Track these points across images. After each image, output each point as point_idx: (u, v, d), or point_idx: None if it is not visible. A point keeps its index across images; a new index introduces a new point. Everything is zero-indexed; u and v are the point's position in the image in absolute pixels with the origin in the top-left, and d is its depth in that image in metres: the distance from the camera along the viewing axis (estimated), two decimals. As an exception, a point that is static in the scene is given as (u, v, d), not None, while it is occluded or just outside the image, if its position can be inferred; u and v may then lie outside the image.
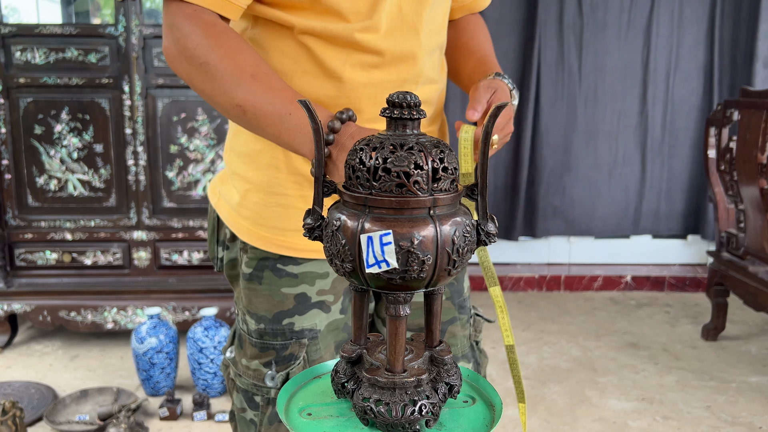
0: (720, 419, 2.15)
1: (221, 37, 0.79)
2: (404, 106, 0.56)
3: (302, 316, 0.96)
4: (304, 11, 0.85)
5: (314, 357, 0.96)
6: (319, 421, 0.59)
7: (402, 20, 0.88)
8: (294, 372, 0.94)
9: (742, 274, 2.55)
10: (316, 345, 0.96)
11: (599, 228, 3.42)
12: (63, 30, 2.44)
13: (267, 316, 0.96)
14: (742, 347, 2.71)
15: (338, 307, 0.99)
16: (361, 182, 0.55)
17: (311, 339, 0.96)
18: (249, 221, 0.96)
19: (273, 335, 0.96)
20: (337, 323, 0.99)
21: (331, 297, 0.97)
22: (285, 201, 0.94)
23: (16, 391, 2.23)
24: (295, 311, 0.95)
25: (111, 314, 2.52)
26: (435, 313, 0.61)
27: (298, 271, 0.95)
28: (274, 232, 0.95)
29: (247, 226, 0.97)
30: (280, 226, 0.94)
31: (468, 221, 0.57)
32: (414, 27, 0.89)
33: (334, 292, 0.97)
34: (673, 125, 3.32)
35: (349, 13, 0.85)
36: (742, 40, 3.20)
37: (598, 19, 3.21)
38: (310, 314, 0.96)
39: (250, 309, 0.98)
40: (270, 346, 0.96)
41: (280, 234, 0.95)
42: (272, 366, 0.95)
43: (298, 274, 0.95)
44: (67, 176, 2.54)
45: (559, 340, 2.78)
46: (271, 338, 0.96)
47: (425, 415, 0.57)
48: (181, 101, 2.49)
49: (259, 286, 0.96)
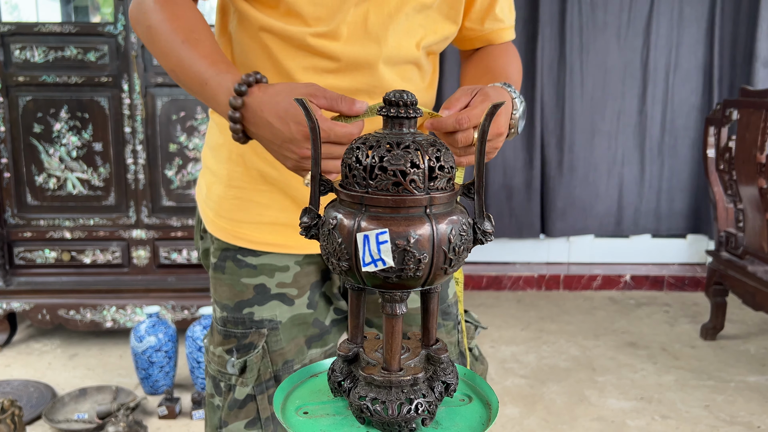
0: (718, 418, 2.15)
1: (169, 3, 0.84)
2: (401, 104, 0.56)
3: (261, 306, 0.98)
4: (270, 9, 0.88)
5: (275, 348, 0.99)
6: (315, 420, 0.59)
7: (365, 30, 0.88)
8: (252, 360, 0.97)
9: (741, 273, 2.56)
10: (276, 336, 0.98)
11: (598, 227, 3.42)
12: (62, 28, 2.44)
13: (229, 304, 0.99)
14: (741, 347, 2.71)
15: (304, 302, 1.00)
16: (358, 181, 0.55)
17: (271, 329, 0.98)
18: (213, 212, 1.00)
19: (234, 323, 0.99)
20: (304, 317, 1.00)
21: (294, 291, 0.99)
22: (242, 194, 0.97)
23: (15, 390, 2.23)
24: (255, 301, 0.98)
25: (110, 313, 2.52)
26: (431, 311, 0.61)
27: (257, 263, 0.98)
28: (232, 224, 0.98)
29: (211, 217, 1.01)
30: (238, 218, 0.98)
31: (464, 220, 0.57)
32: (377, 38, 0.89)
33: (298, 286, 0.99)
34: (672, 125, 3.32)
35: (310, 17, 0.86)
36: (742, 40, 3.20)
37: (597, 19, 3.21)
38: (270, 305, 0.98)
39: (216, 297, 1.02)
40: (232, 334, 0.99)
41: (238, 226, 0.98)
42: (234, 353, 0.98)
43: (257, 265, 0.98)
44: (66, 175, 2.54)
45: (558, 340, 2.78)
46: (233, 326, 0.99)
47: (421, 413, 0.57)
48: (180, 100, 2.49)
49: (222, 276, 1.00)
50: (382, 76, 0.91)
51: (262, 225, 0.98)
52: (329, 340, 1.04)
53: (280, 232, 0.97)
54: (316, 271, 1.02)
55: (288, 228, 0.97)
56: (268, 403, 0.98)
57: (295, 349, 1.00)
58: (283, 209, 0.97)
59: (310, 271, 1.01)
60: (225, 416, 0.99)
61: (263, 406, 0.98)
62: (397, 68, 0.93)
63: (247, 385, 0.97)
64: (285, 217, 0.97)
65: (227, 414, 0.99)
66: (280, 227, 0.97)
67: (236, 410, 0.98)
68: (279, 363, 0.99)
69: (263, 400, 0.98)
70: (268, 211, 0.97)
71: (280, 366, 0.99)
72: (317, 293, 1.02)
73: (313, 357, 1.02)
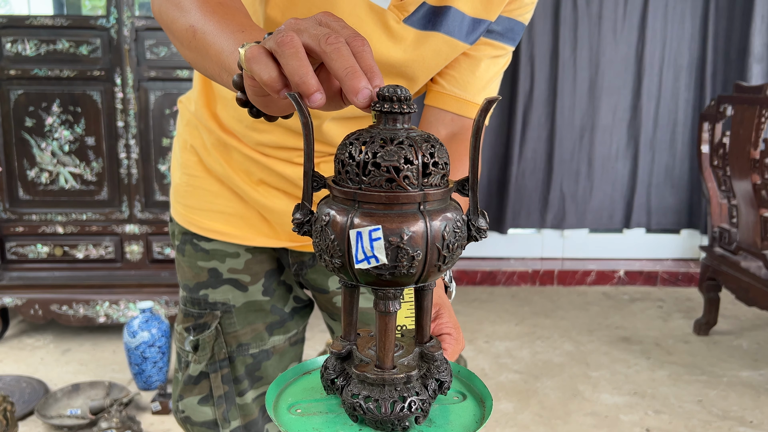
0: (711, 413, 2.16)
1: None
2: (394, 100, 0.55)
3: (215, 289, 1.02)
4: None
5: (229, 330, 1.03)
6: (308, 418, 0.59)
7: None
8: (204, 339, 1.02)
9: (734, 269, 2.56)
10: (230, 318, 1.02)
11: (592, 222, 3.43)
12: (54, 21, 2.42)
13: (189, 284, 1.04)
14: (734, 342, 2.73)
15: (258, 289, 1.03)
16: (351, 177, 0.54)
17: (225, 312, 1.02)
18: (173, 197, 1.05)
19: (192, 303, 1.04)
20: (260, 305, 1.03)
21: (247, 277, 1.02)
22: (194, 182, 1.01)
23: (7, 385, 2.22)
24: (209, 284, 1.02)
25: (103, 308, 2.51)
26: (425, 309, 0.61)
27: (209, 248, 1.02)
28: (186, 209, 1.03)
29: (172, 202, 1.06)
30: (191, 204, 1.02)
31: (458, 216, 0.56)
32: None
33: (250, 273, 1.02)
34: (666, 120, 3.33)
35: None
36: (736, 36, 3.20)
37: (592, 13, 3.21)
38: (223, 289, 1.02)
39: (179, 278, 1.07)
40: (190, 313, 1.04)
41: (191, 212, 1.02)
42: (191, 332, 1.03)
43: (209, 250, 1.02)
44: (58, 169, 2.52)
45: (552, 335, 2.78)
46: (191, 306, 1.04)
47: (415, 411, 0.57)
48: (173, 94, 2.47)
49: (183, 258, 1.04)
50: (327, 132, 0.91)
51: (212, 213, 1.01)
52: (291, 327, 1.08)
53: (227, 221, 1.00)
54: (269, 259, 1.04)
55: (234, 218, 1.00)
56: (221, 382, 1.02)
57: (252, 334, 1.04)
58: (230, 200, 1.00)
59: (263, 259, 1.03)
60: (182, 390, 1.05)
61: (216, 384, 1.03)
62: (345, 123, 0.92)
63: (200, 362, 1.02)
64: (232, 207, 1.00)
65: (183, 388, 1.05)
66: (228, 216, 1.00)
67: (191, 385, 1.04)
68: (233, 345, 1.03)
69: (216, 378, 1.02)
70: (217, 199, 1.00)
71: (234, 348, 1.03)
72: (274, 281, 1.05)
73: (276, 343, 1.06)
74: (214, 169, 0.99)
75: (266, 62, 0.52)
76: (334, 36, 0.51)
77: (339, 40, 0.51)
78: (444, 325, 0.73)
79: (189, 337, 1.03)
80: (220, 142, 0.97)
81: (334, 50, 0.51)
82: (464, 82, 0.93)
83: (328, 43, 0.51)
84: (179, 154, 1.04)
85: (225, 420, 1.04)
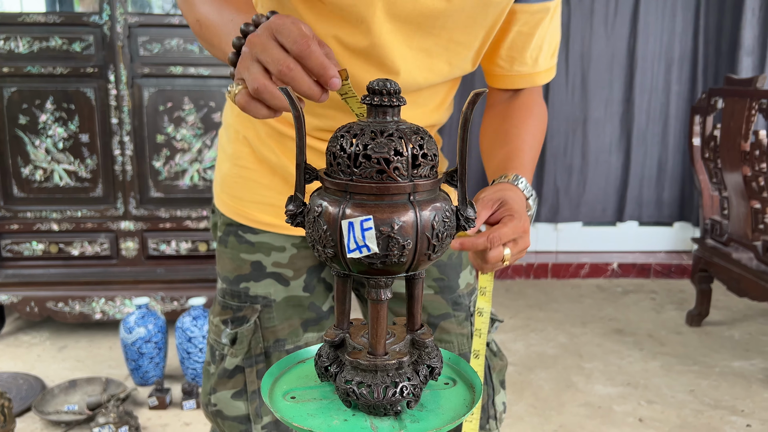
0: (703, 403, 2.18)
1: None
2: (384, 93, 0.57)
3: (257, 282, 1.01)
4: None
5: (267, 324, 1.02)
6: (302, 404, 0.60)
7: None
8: (243, 333, 1.00)
9: (725, 260, 2.59)
10: (269, 313, 1.01)
11: (586, 216, 3.44)
12: (47, 18, 2.42)
13: (229, 277, 1.03)
14: (725, 333, 2.75)
15: (299, 284, 1.02)
16: (342, 168, 0.56)
17: (265, 306, 1.01)
18: (220, 188, 1.05)
19: (232, 296, 1.03)
20: (299, 300, 1.03)
21: (290, 272, 1.02)
22: (246, 173, 1.01)
23: (4, 382, 2.23)
24: (251, 277, 1.01)
25: (99, 305, 2.52)
26: (416, 297, 0.62)
27: (255, 240, 1.01)
28: (235, 200, 1.02)
29: (218, 192, 1.06)
30: (240, 195, 1.02)
31: (447, 207, 0.58)
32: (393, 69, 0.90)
33: (294, 267, 1.02)
34: (658, 113, 3.35)
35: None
36: (727, 29, 3.22)
37: (584, 7, 3.22)
38: (265, 283, 1.01)
39: (219, 269, 1.06)
40: (229, 306, 1.03)
41: (240, 203, 1.02)
42: (228, 324, 1.02)
43: (255, 243, 1.02)
44: (52, 166, 2.52)
45: (546, 327, 2.80)
46: (230, 299, 1.03)
47: (406, 396, 0.58)
48: (167, 90, 2.48)
49: (225, 249, 1.04)
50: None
51: (262, 205, 1.00)
52: (326, 325, 1.06)
53: (278, 214, 1.00)
54: (313, 255, 1.03)
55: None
56: (256, 377, 1.01)
57: (289, 330, 1.02)
58: (283, 192, 1.00)
59: (307, 254, 1.03)
60: (215, 383, 1.03)
61: (251, 380, 1.01)
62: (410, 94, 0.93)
63: (236, 356, 1.01)
64: (283, 200, 0.98)
65: (217, 381, 1.03)
66: (279, 209, 0.99)
67: (225, 379, 1.02)
68: (270, 340, 1.01)
69: (251, 373, 1.01)
70: (268, 191, 1.00)
71: (271, 343, 1.02)
72: (315, 278, 1.04)
73: (309, 340, 1.04)
74: (267, 158, 0.99)
75: (255, 104, 0.63)
76: (285, 67, 0.60)
77: (291, 69, 0.60)
78: (511, 223, 0.78)
79: (226, 330, 1.01)
80: (275, 130, 0.97)
81: (290, 80, 0.61)
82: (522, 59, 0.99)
83: (282, 75, 0.61)
84: (229, 146, 1.03)
85: (257, 416, 1.02)
